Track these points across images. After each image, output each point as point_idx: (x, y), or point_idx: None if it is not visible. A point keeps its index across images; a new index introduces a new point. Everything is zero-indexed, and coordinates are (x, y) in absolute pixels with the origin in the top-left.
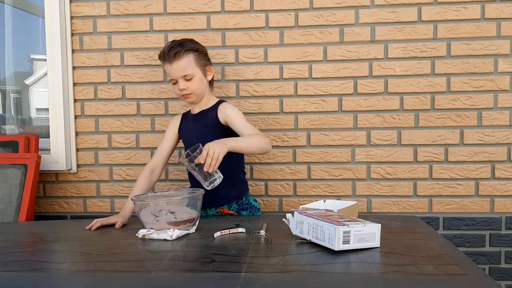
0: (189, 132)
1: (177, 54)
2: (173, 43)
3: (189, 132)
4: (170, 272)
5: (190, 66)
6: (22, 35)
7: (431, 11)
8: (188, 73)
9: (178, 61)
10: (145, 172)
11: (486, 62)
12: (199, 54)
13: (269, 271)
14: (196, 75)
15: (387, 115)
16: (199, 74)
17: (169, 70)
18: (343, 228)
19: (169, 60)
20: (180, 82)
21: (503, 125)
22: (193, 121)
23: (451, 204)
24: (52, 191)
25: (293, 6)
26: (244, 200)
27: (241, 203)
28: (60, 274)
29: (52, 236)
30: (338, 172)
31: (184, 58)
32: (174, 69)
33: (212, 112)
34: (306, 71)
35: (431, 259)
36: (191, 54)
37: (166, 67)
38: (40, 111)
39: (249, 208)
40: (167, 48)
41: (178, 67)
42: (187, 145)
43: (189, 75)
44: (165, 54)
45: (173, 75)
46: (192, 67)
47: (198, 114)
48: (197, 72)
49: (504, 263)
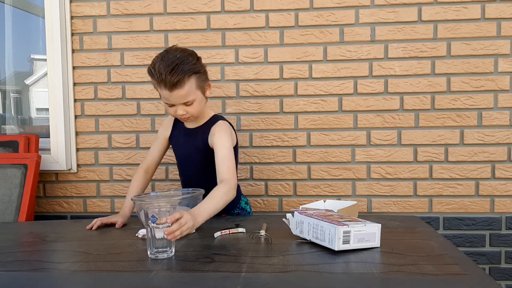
0: (179, 144)
1: (180, 81)
2: (171, 65)
3: (179, 144)
4: (170, 272)
5: (191, 91)
6: (22, 35)
7: (431, 11)
8: (190, 99)
9: (179, 89)
10: (139, 173)
11: (486, 62)
12: (200, 75)
13: (269, 271)
14: (197, 98)
15: (387, 115)
16: (200, 96)
17: (167, 96)
18: (343, 228)
19: (169, 87)
20: (179, 108)
21: (503, 125)
22: (185, 135)
23: (451, 204)
24: (52, 191)
25: (293, 6)
26: (236, 205)
27: (234, 208)
28: (60, 274)
29: (52, 236)
30: (338, 172)
31: (186, 85)
32: (174, 96)
33: (205, 129)
34: (306, 71)
35: (431, 259)
36: (192, 78)
37: (163, 92)
38: (40, 111)
39: (240, 213)
40: (165, 71)
41: (179, 95)
42: (177, 156)
43: (190, 101)
44: (163, 78)
45: (172, 101)
46: (194, 91)
47: (191, 131)
48: (197, 95)
49: (504, 263)
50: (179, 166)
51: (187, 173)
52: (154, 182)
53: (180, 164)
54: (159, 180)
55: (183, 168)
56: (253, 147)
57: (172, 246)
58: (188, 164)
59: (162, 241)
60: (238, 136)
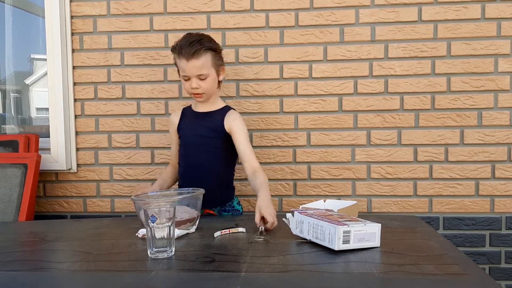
0: (190, 129)
1: (197, 52)
2: (191, 38)
3: (189, 128)
4: (170, 272)
5: (206, 65)
6: (22, 34)
7: (431, 11)
8: (204, 72)
9: (196, 60)
10: (169, 167)
11: (486, 62)
12: (216, 54)
13: (269, 270)
14: (211, 75)
15: (387, 115)
16: (214, 74)
17: (184, 66)
18: (343, 228)
19: (187, 56)
20: (193, 81)
21: (503, 125)
22: (197, 118)
23: (451, 204)
24: (52, 191)
25: (293, 5)
26: (228, 203)
27: (224, 205)
28: (60, 273)
29: (52, 235)
30: (338, 172)
31: (202, 57)
32: (190, 66)
33: (218, 116)
34: (306, 71)
35: (431, 259)
36: (209, 54)
37: (181, 63)
38: (40, 110)
39: (231, 211)
40: (186, 43)
41: (195, 65)
42: (184, 140)
43: (204, 74)
44: (183, 49)
45: (188, 72)
46: (208, 67)
47: (203, 114)
48: (212, 72)
49: (504, 263)
50: (183, 151)
51: (189, 156)
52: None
53: (185, 146)
54: None
55: (188, 149)
56: (253, 147)
57: (172, 246)
58: (193, 144)
59: (162, 241)
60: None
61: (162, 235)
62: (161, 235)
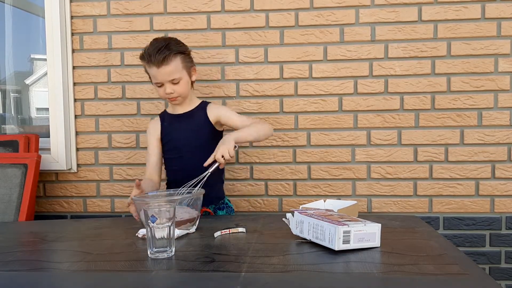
0: (175, 132)
1: (166, 58)
2: (158, 44)
3: (175, 132)
4: (170, 272)
5: (177, 70)
6: (22, 34)
7: (432, 11)
8: (176, 77)
9: (166, 66)
10: (145, 180)
11: (486, 62)
12: (185, 56)
13: (269, 270)
14: (183, 78)
15: (387, 115)
16: (186, 76)
17: (155, 73)
18: (343, 228)
19: (157, 63)
20: (167, 86)
21: (503, 125)
22: (179, 121)
23: (451, 204)
24: (52, 191)
25: (293, 5)
26: (221, 201)
27: (218, 203)
28: (60, 273)
29: (52, 235)
30: (338, 172)
31: (172, 62)
32: (161, 73)
33: (199, 112)
34: (306, 71)
35: (431, 259)
36: (178, 57)
37: (152, 70)
38: (40, 110)
39: (225, 208)
40: (154, 50)
41: (166, 71)
42: (170, 146)
43: (176, 79)
44: (151, 57)
45: (160, 79)
46: (180, 71)
47: (184, 115)
48: (184, 75)
49: (504, 263)
50: (171, 156)
51: (182, 158)
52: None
53: (173, 151)
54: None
55: (178, 153)
56: (253, 147)
57: (172, 246)
58: (184, 145)
59: (162, 241)
60: None
61: (162, 235)
62: (161, 235)
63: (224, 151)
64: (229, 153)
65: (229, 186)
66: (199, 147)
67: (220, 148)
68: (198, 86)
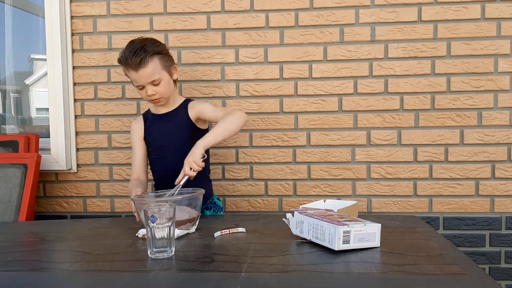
0: (157, 132)
1: (143, 60)
2: (134, 47)
3: (157, 132)
4: (170, 272)
5: (156, 71)
6: (22, 34)
7: (431, 11)
8: (156, 78)
9: (144, 68)
10: (133, 181)
11: (486, 62)
12: (163, 56)
13: (269, 271)
14: (164, 77)
15: (387, 115)
16: (166, 76)
17: (135, 77)
18: (343, 228)
19: (135, 67)
20: (148, 88)
21: (503, 125)
22: (161, 121)
23: (451, 204)
24: (52, 191)
25: (293, 6)
26: (208, 200)
27: (205, 202)
28: (60, 273)
29: (52, 235)
30: (338, 172)
31: (150, 64)
32: (140, 76)
33: (182, 110)
34: (306, 71)
35: (431, 259)
36: (155, 58)
37: (131, 74)
38: (40, 111)
39: (213, 207)
40: (130, 53)
41: (145, 74)
42: (153, 146)
43: (156, 80)
44: (128, 60)
45: (140, 82)
46: (159, 71)
47: (166, 114)
48: (164, 75)
49: (504, 263)
50: (155, 156)
51: (166, 159)
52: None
53: (157, 151)
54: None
55: (162, 153)
56: (253, 147)
57: (172, 246)
58: (167, 146)
59: (162, 241)
60: (238, 135)
61: (162, 235)
62: (161, 235)
63: (191, 164)
64: (197, 164)
65: (229, 186)
66: (181, 147)
67: (187, 161)
68: (198, 86)
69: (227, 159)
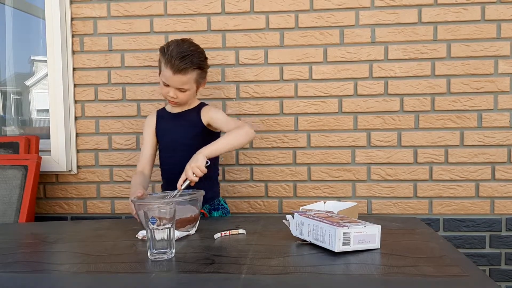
0: (169, 130)
1: (184, 69)
2: (184, 52)
3: (168, 130)
4: (170, 274)
5: (190, 82)
6: (23, 36)
7: (431, 13)
8: (186, 87)
9: (182, 76)
10: (136, 174)
11: (486, 64)
12: (202, 72)
13: (269, 272)
14: (191, 89)
15: (387, 117)
16: (194, 88)
17: (168, 76)
18: (343, 230)
19: (174, 70)
20: (172, 90)
21: (503, 127)
22: (173, 119)
23: (451, 206)
24: (52, 192)
25: (293, 7)
26: (216, 201)
27: (213, 203)
28: (60, 275)
29: (52, 237)
30: (338, 173)
31: (188, 75)
32: (174, 80)
33: (194, 113)
34: (306, 73)
35: (431, 260)
36: (195, 72)
37: (166, 71)
38: (41, 112)
39: (221, 209)
40: (177, 55)
41: (179, 80)
42: (164, 143)
43: (185, 88)
44: (173, 60)
45: (170, 83)
46: (191, 83)
47: (180, 114)
48: (193, 87)
49: (505, 265)
50: (165, 153)
51: (174, 157)
52: (154, 183)
53: (167, 148)
54: (158, 181)
55: (170, 152)
56: (253, 148)
57: (172, 248)
58: (176, 144)
59: (162, 243)
60: None
61: (162, 237)
62: (161, 237)
63: (194, 169)
64: (200, 170)
65: (229, 187)
66: (190, 147)
67: (189, 165)
68: None
69: (227, 161)
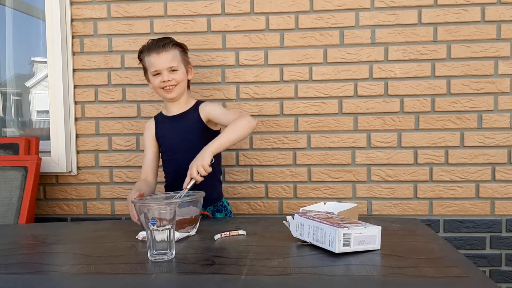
0: (169, 134)
1: (166, 45)
2: (160, 38)
3: (168, 134)
4: (170, 275)
5: (176, 59)
6: (23, 37)
7: (431, 14)
8: (174, 65)
9: (166, 52)
10: (140, 181)
11: (486, 65)
12: (184, 52)
13: (269, 273)
14: (181, 69)
15: (387, 117)
16: (183, 69)
17: (155, 60)
18: (344, 231)
19: (157, 50)
20: (165, 74)
21: (504, 128)
22: (172, 122)
23: (451, 207)
24: (52, 193)
25: (293, 8)
26: (219, 203)
27: (216, 205)
28: (60, 276)
29: (52, 238)
30: (338, 174)
31: (171, 51)
32: (161, 59)
33: (193, 113)
34: (306, 74)
35: (431, 261)
36: (177, 49)
37: (152, 58)
38: (41, 113)
39: (224, 210)
40: (154, 41)
41: (166, 58)
42: (166, 148)
43: (175, 67)
44: (152, 45)
45: (159, 66)
46: (178, 61)
47: (178, 116)
48: (181, 67)
49: (505, 266)
50: (167, 156)
51: (176, 160)
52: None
53: (168, 151)
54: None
55: (173, 154)
56: (253, 149)
57: (172, 249)
58: (178, 146)
59: (163, 244)
60: None
61: (162, 238)
62: (161, 238)
63: (199, 167)
64: (204, 169)
65: (229, 188)
66: (192, 148)
67: (194, 164)
68: (198, 88)
69: (228, 162)
